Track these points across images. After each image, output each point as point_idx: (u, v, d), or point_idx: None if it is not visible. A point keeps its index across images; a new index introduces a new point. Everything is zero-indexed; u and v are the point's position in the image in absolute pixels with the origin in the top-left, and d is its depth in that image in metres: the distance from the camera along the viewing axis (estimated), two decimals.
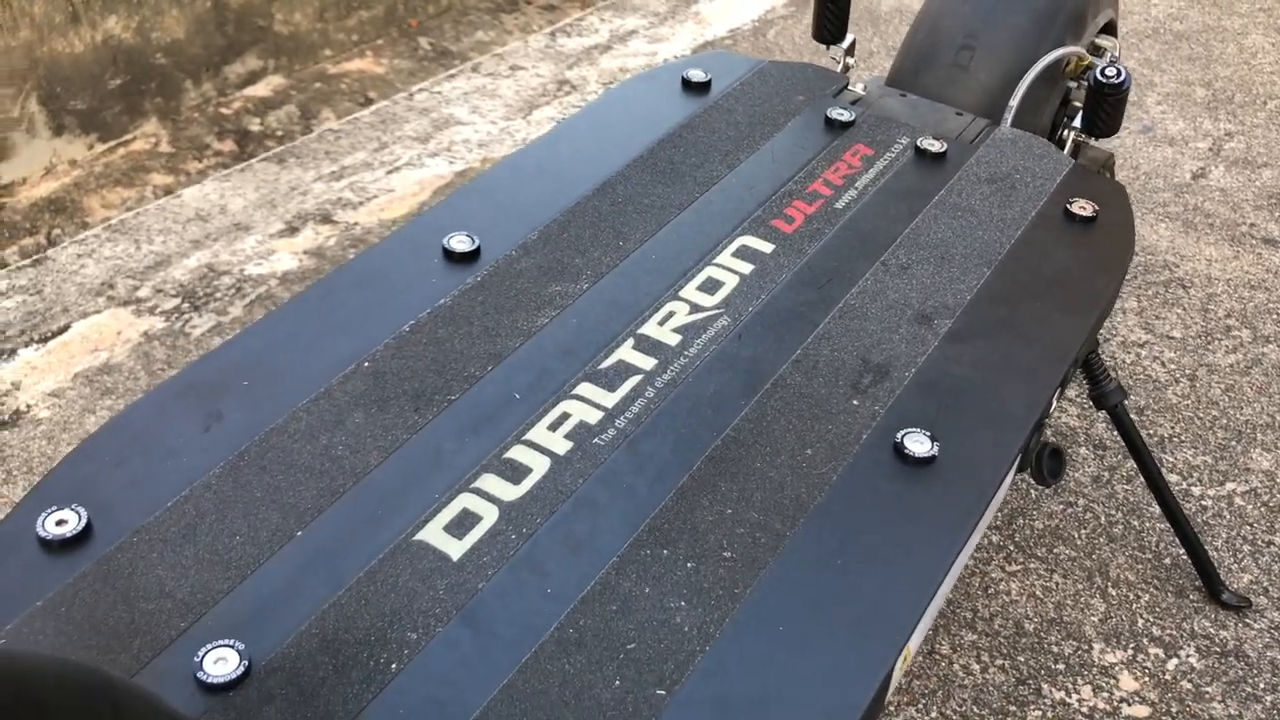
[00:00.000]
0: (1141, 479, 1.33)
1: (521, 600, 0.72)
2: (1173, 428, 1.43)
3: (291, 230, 1.81)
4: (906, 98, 1.29)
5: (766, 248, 1.03)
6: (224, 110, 2.44)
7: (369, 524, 0.76)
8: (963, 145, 1.18)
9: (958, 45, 1.35)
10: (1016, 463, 0.89)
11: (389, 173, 1.95)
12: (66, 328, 1.60)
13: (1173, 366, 1.53)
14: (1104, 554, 1.25)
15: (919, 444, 0.84)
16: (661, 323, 0.94)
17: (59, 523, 0.74)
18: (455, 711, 0.66)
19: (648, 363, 0.90)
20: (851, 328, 0.95)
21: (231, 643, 0.68)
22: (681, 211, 1.07)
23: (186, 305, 1.63)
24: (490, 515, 0.77)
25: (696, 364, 0.90)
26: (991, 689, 1.10)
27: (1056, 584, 1.22)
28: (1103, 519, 1.29)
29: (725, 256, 1.02)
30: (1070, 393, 1.47)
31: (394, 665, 0.68)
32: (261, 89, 2.54)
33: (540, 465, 0.81)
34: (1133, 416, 1.43)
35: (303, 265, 1.73)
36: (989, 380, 0.91)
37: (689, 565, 0.75)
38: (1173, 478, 1.36)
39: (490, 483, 0.80)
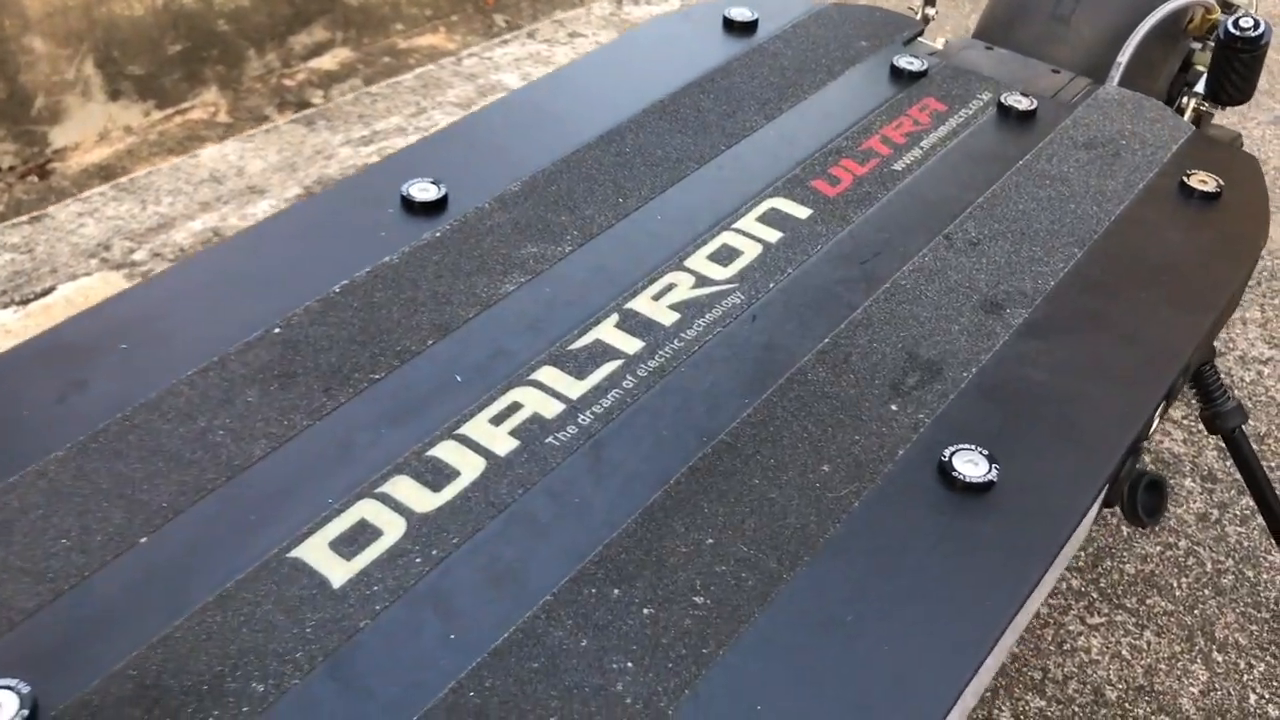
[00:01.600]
0: (1260, 519, 1.10)
1: (413, 647, 0.54)
2: None
3: (309, 195, 1.66)
4: (993, 51, 1.08)
5: (801, 212, 0.83)
6: (286, 82, 2.31)
7: (235, 533, 0.59)
8: (1058, 105, 0.97)
9: None
10: (1102, 496, 0.68)
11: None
12: (51, 290, 1.47)
13: None
14: (1209, 609, 1.03)
15: (972, 465, 0.64)
16: (657, 297, 0.75)
17: None
18: None
19: (632, 345, 0.71)
20: (898, 314, 0.75)
21: (14, 683, 0.51)
22: (701, 166, 0.88)
23: None
24: (394, 530, 0.59)
25: (694, 350, 0.71)
26: None
27: (1148, 643, 1.00)
28: (1209, 566, 1.07)
29: (748, 221, 0.82)
30: (1175, 412, 1.25)
31: None
32: (327, 61, 2.41)
33: (471, 468, 0.63)
34: (1252, 444, 1.20)
35: None
36: (1071, 388, 0.70)
37: (645, 612, 0.56)
38: None
39: (402, 487, 0.61)
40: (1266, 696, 0.96)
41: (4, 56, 1.97)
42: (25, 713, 0.50)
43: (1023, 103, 0.95)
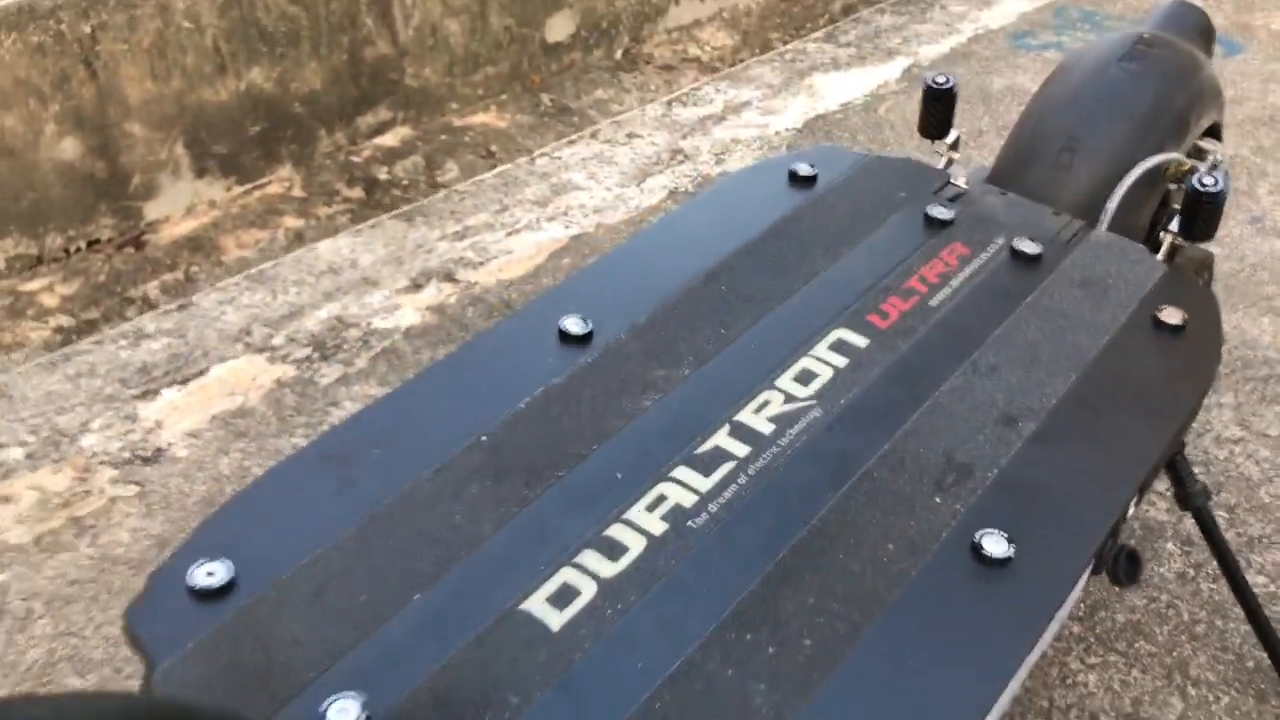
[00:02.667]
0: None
1: (613, 674, 0.79)
2: (1263, 528, 1.44)
3: (416, 286, 1.92)
4: (1006, 196, 1.34)
5: (861, 341, 1.09)
6: (354, 158, 2.58)
7: (479, 591, 0.84)
8: (1058, 247, 1.23)
9: (1059, 146, 1.40)
10: (1090, 566, 0.93)
11: (509, 235, 2.06)
12: (205, 371, 1.73)
13: (1267, 465, 1.54)
14: (1185, 652, 1.27)
15: (997, 545, 0.88)
16: (757, 410, 1.01)
17: (208, 574, 0.83)
18: None
19: (742, 449, 0.97)
20: (938, 426, 1.00)
21: (354, 694, 0.76)
22: (782, 302, 1.13)
23: (316, 354, 1.75)
24: (589, 590, 0.84)
25: (788, 453, 0.97)
26: None
27: (1135, 679, 1.24)
28: (1186, 616, 1.31)
29: (821, 348, 1.08)
30: (1160, 486, 1.49)
31: None
32: (390, 139, 2.68)
33: (637, 544, 0.88)
34: (1223, 514, 1.44)
35: (425, 320, 1.84)
36: (1068, 484, 0.95)
37: (770, 650, 0.81)
38: (1259, 579, 1.37)
39: (590, 559, 0.87)
40: None
41: (107, 141, 2.24)
42: (366, 715, 0.75)
43: (1030, 247, 1.21)
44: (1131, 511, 1.01)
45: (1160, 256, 1.28)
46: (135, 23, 2.17)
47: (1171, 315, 1.13)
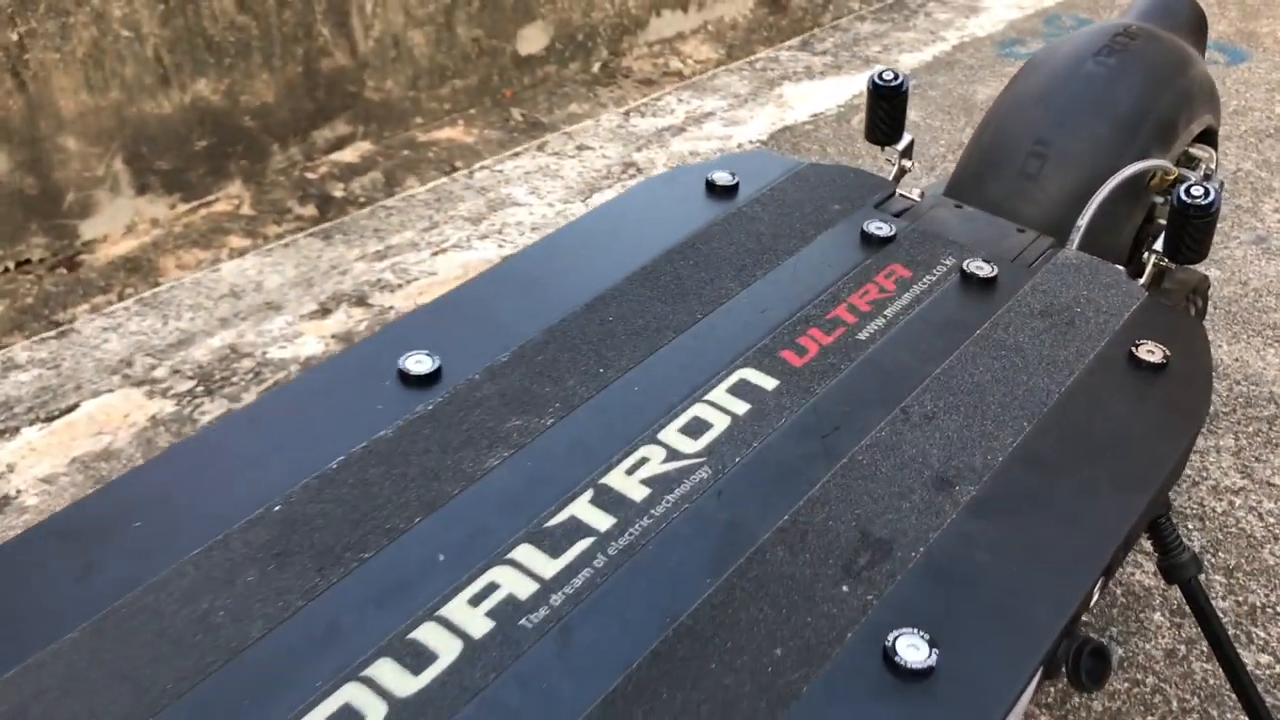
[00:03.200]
0: None
1: None
2: (1268, 595, 1.24)
3: (324, 312, 1.73)
4: (962, 209, 1.14)
5: (768, 384, 0.89)
6: (309, 175, 2.41)
7: (233, 716, 0.64)
8: (1017, 269, 1.03)
9: (1027, 151, 1.20)
10: (1038, 676, 0.73)
11: (434, 254, 1.87)
12: (75, 406, 1.54)
13: (1272, 520, 1.33)
14: None
15: (914, 650, 0.69)
16: (630, 471, 0.81)
17: None
18: None
19: (604, 522, 0.77)
20: (854, 490, 0.80)
21: None
22: (678, 335, 0.94)
23: (201, 389, 1.56)
24: (375, 715, 0.65)
25: (661, 527, 0.77)
26: None
27: None
28: (1175, 705, 1.11)
29: (719, 392, 0.88)
30: (1146, 544, 1.29)
31: None
32: (349, 154, 2.52)
33: (449, 650, 0.68)
34: (1220, 578, 1.24)
35: (328, 350, 1.65)
36: (1011, 569, 0.75)
37: None
38: (1262, 659, 1.17)
39: (385, 671, 0.67)
40: None
41: (39, 156, 2.07)
42: None
43: (984, 269, 1.02)
44: (1096, 598, 0.81)
45: (1143, 281, 1.09)
46: (68, 30, 2.01)
47: (1151, 352, 0.94)
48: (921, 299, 0.99)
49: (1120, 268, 1.06)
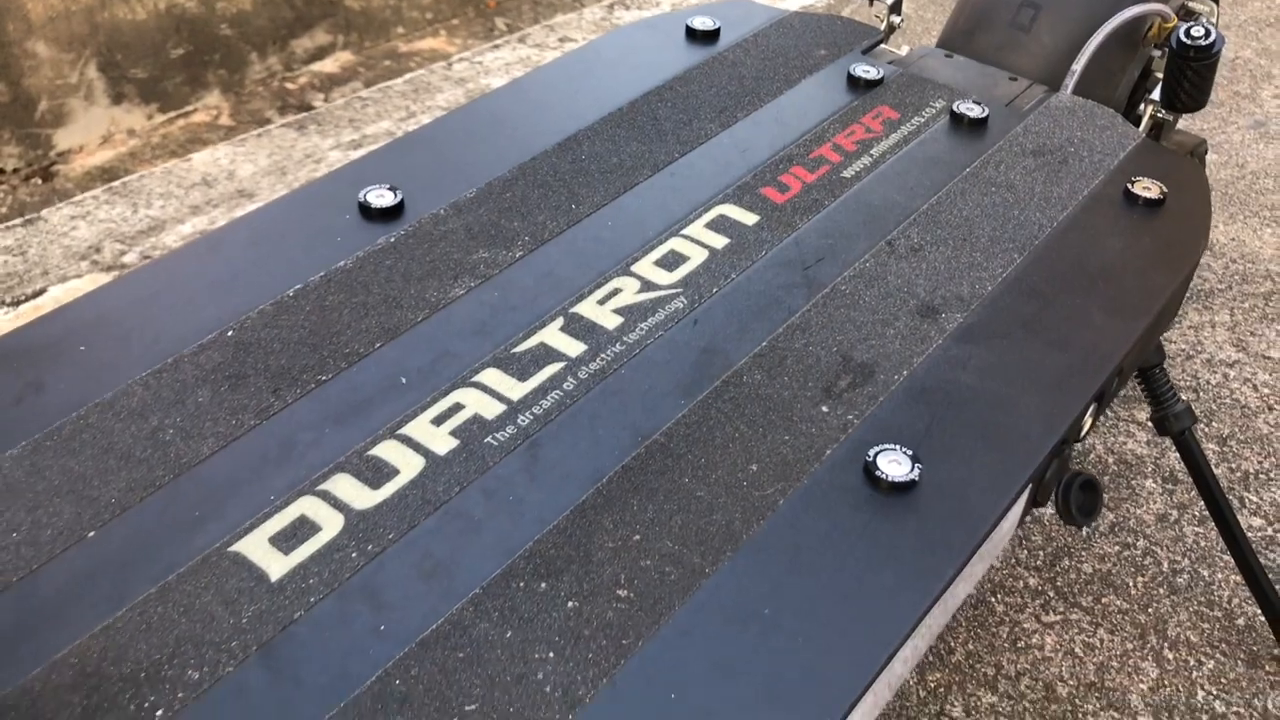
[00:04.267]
0: None
1: (344, 638, 0.56)
2: (1261, 462, 1.21)
3: None
4: (952, 59, 1.10)
5: (749, 219, 0.86)
6: (288, 85, 2.35)
7: (179, 528, 0.61)
8: (1010, 112, 0.99)
9: (1019, 2, 1.16)
10: (1026, 494, 0.70)
11: None
12: (42, 291, 1.50)
13: (1266, 391, 1.31)
14: (1163, 608, 1.05)
15: (895, 465, 0.66)
16: (602, 301, 0.78)
17: None
18: None
19: (574, 348, 0.74)
20: (836, 318, 0.77)
21: None
22: (655, 174, 0.90)
23: None
24: (332, 526, 0.62)
25: (634, 352, 0.74)
26: None
27: (1101, 641, 1.02)
28: (1165, 566, 1.09)
29: (696, 228, 0.85)
30: (1139, 414, 1.26)
31: (159, 712, 0.53)
32: (329, 65, 2.45)
33: (411, 467, 0.65)
34: (1214, 447, 1.22)
35: None
36: (1000, 391, 0.72)
37: (569, 605, 0.58)
38: (1255, 521, 1.14)
39: (343, 485, 0.64)
40: (1214, 693, 0.98)
41: (8, 61, 2.00)
42: None
43: (974, 110, 0.97)
44: (1087, 428, 0.78)
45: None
46: None
47: (1147, 188, 0.90)
48: (909, 139, 0.95)
49: (1114, 111, 1.02)
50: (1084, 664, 1.00)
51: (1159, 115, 1.10)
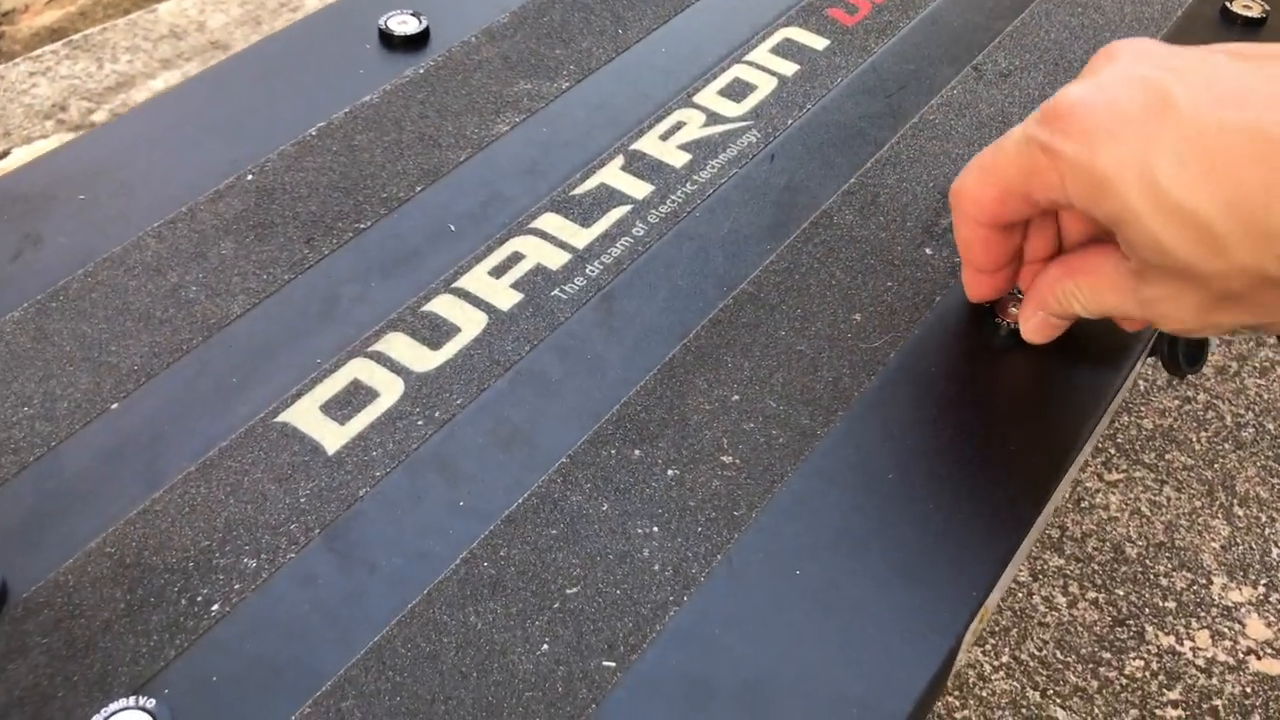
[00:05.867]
0: None
1: (419, 516, 0.49)
2: None
3: None
4: None
5: (819, 43, 0.77)
6: None
7: (215, 397, 0.53)
8: None
9: None
10: (1151, 341, 0.64)
11: None
12: (6, 154, 1.38)
13: None
14: (1229, 464, 1.00)
15: (1014, 311, 0.59)
16: (665, 136, 0.69)
17: None
18: (297, 679, 0.43)
19: (641, 189, 0.65)
20: (928, 150, 0.69)
21: None
22: None
23: None
24: (392, 391, 0.54)
25: (708, 193, 0.65)
26: (1081, 630, 0.87)
27: (1168, 499, 0.97)
28: (1229, 420, 1.03)
29: (760, 53, 0.76)
30: None
31: (214, 606, 0.45)
32: None
33: (473, 324, 0.57)
34: None
35: None
36: None
37: (670, 474, 0.51)
38: None
39: (398, 345, 0.56)
40: None
41: None
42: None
43: None
44: None
45: None
46: None
47: (1247, 5, 0.82)
48: None
49: None
50: (1152, 523, 0.95)
51: None
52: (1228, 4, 0.82)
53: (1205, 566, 0.92)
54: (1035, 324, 0.55)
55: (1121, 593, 0.90)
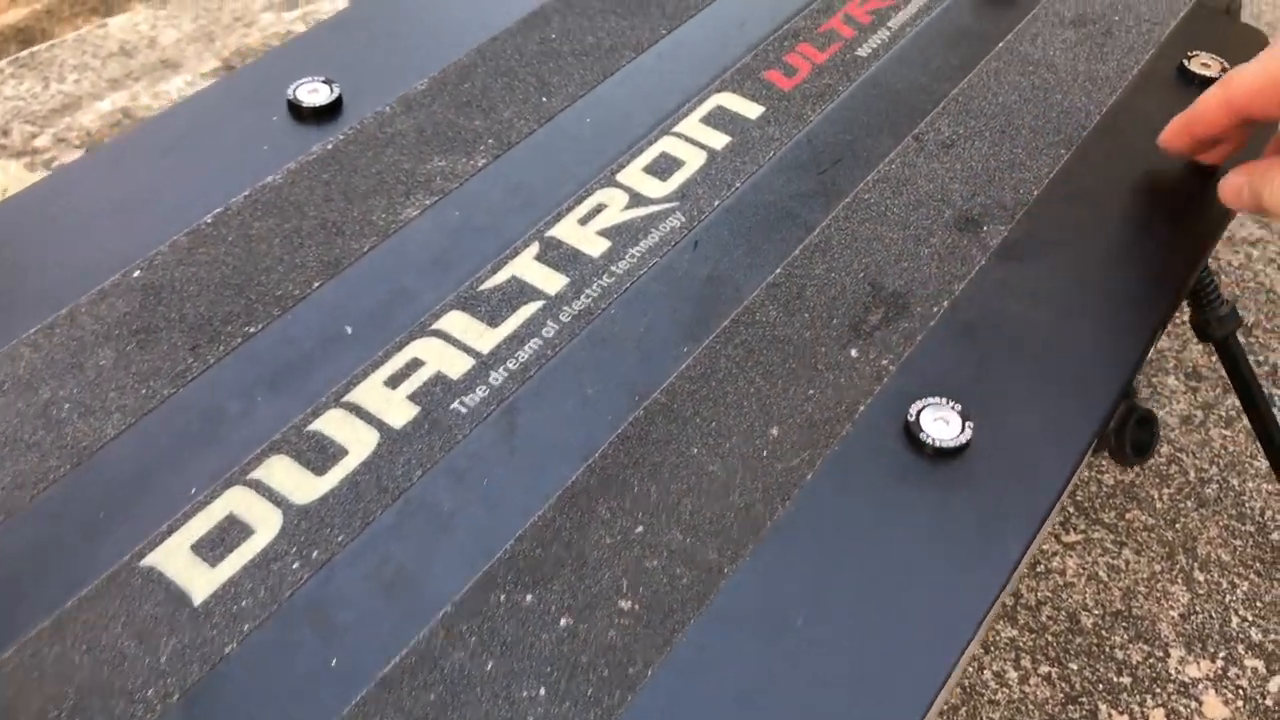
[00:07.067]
0: (1245, 421, 1.04)
1: (286, 679, 0.46)
2: None
3: (227, 69, 1.51)
4: None
5: (752, 111, 0.73)
6: None
7: (81, 536, 0.50)
8: None
9: None
10: (1090, 447, 0.60)
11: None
12: None
13: None
14: (1191, 523, 0.96)
15: (943, 425, 0.55)
16: (584, 221, 0.65)
17: None
18: None
19: (554, 282, 0.62)
20: (860, 235, 0.65)
21: None
22: (638, 55, 0.76)
23: None
24: (268, 526, 0.50)
25: (625, 286, 0.62)
26: (1032, 708, 0.84)
27: (1126, 563, 0.94)
28: (1192, 475, 1.00)
29: (691, 123, 0.72)
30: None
31: None
32: None
33: (362, 445, 0.54)
34: (1239, 337, 1.12)
35: None
36: (1054, 321, 0.61)
37: (562, 624, 0.48)
38: None
39: (279, 471, 0.52)
40: (1249, 619, 0.90)
41: None
42: None
43: None
44: (1149, 358, 0.68)
45: None
46: None
47: (1206, 65, 0.78)
48: (931, 7, 0.82)
49: None
50: (1109, 589, 0.92)
51: None
52: (1185, 63, 0.78)
53: (1163, 637, 0.89)
54: (1233, 186, 0.63)
55: (1075, 667, 0.87)
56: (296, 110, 0.70)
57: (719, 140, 0.70)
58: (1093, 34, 0.80)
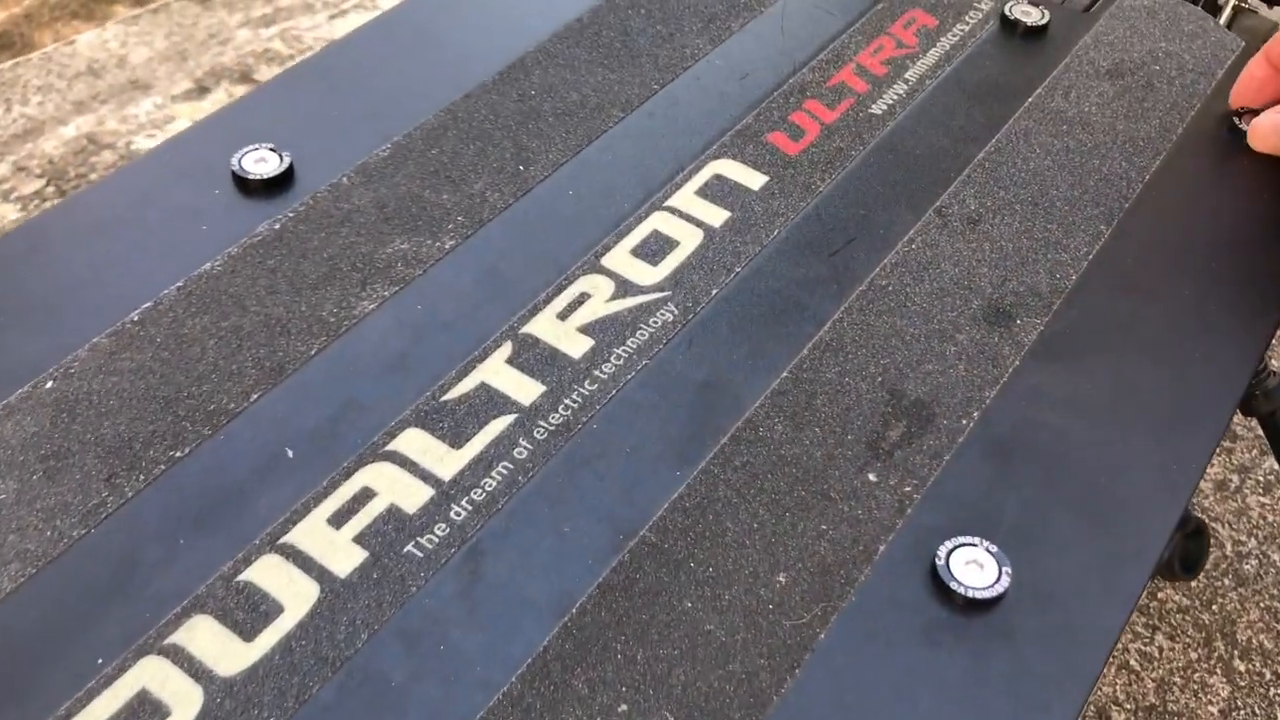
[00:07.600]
0: None
1: None
2: None
3: (200, 90, 1.44)
4: None
5: (754, 181, 0.65)
6: None
7: None
8: (1073, 16, 0.78)
9: None
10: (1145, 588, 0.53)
11: (333, 17, 1.55)
12: None
13: None
14: (1230, 604, 0.89)
15: (976, 569, 0.48)
16: (564, 315, 0.58)
17: None
18: None
19: (528, 391, 0.54)
20: (877, 330, 0.57)
21: None
22: (627, 114, 0.69)
23: (51, 188, 1.28)
24: (186, 707, 0.43)
25: (610, 394, 0.54)
26: None
27: (1160, 649, 0.86)
28: (1229, 548, 0.93)
29: (685, 196, 0.64)
30: None
31: None
32: None
33: (300, 600, 0.46)
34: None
35: None
36: (1101, 435, 0.54)
37: None
38: None
39: (202, 636, 0.45)
40: None
41: None
42: None
43: (1031, 14, 0.76)
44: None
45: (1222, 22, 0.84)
46: None
47: None
48: (952, 56, 0.74)
49: (1201, 10, 0.81)
50: (1142, 680, 0.85)
51: (1242, 4, 0.89)
52: (1236, 120, 0.70)
53: None
54: (1266, 128, 0.66)
55: None
56: (241, 183, 0.62)
57: (717, 216, 0.63)
58: (1131, 86, 0.73)
